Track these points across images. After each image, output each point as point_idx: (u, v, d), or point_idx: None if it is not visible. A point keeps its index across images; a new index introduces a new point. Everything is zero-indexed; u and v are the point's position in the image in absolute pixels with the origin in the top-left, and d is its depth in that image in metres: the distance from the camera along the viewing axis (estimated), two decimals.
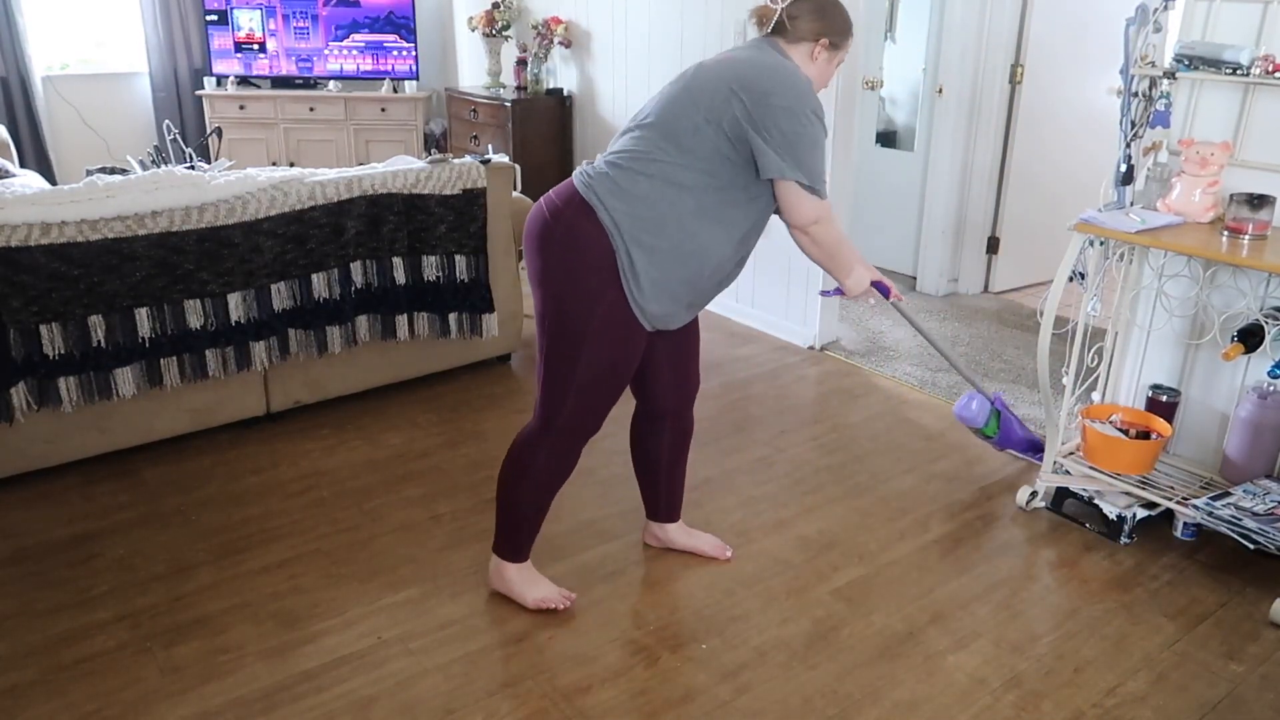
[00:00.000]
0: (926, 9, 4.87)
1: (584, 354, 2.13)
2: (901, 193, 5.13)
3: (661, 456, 2.55)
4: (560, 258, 2.10)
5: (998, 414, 2.95)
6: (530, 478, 2.28)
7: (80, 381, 2.83)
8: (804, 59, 2.17)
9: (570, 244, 2.08)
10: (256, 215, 3.02)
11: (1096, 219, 2.57)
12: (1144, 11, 2.64)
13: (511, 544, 2.37)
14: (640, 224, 2.06)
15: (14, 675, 2.13)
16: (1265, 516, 2.43)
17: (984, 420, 2.91)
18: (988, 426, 2.93)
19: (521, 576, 2.39)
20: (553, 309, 2.14)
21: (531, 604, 2.37)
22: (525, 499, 2.31)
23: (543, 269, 2.13)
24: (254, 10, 5.86)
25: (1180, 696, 2.13)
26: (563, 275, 2.11)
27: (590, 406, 2.22)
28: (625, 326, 2.13)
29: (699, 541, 2.65)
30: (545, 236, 2.11)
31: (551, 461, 2.27)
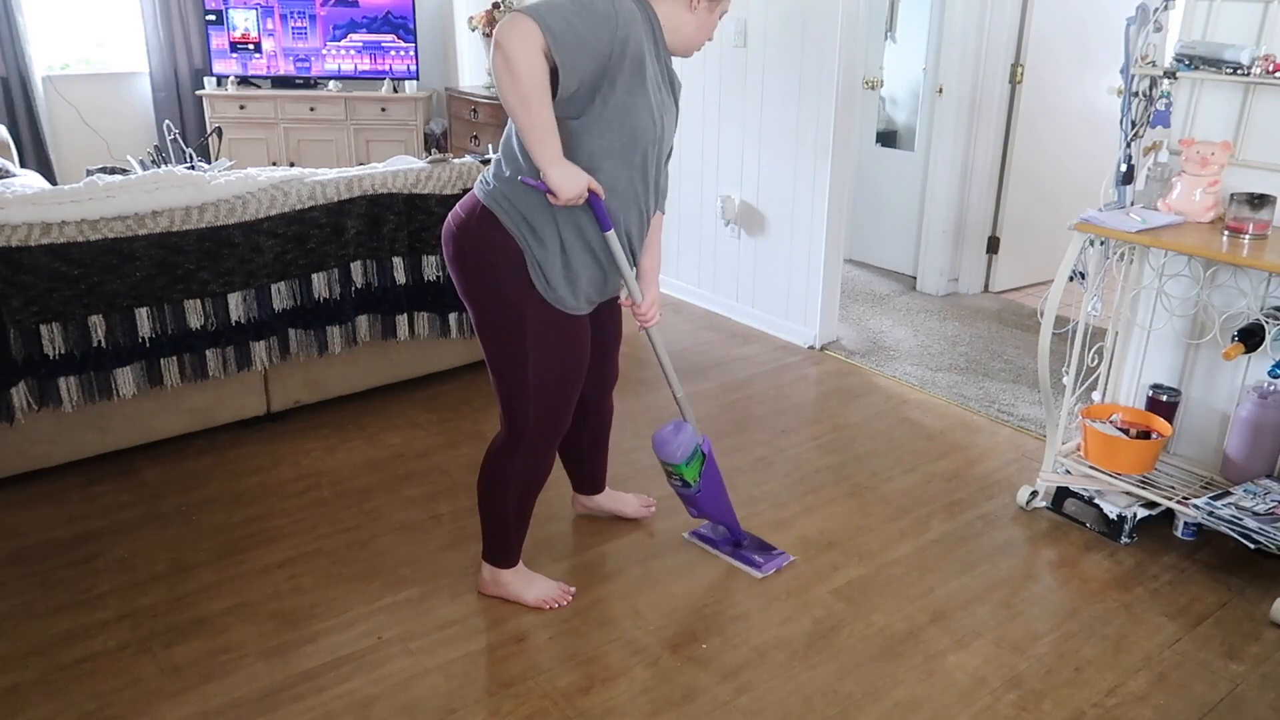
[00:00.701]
0: (927, 9, 4.87)
1: (530, 361, 2.14)
2: (902, 192, 5.13)
3: (584, 442, 2.62)
4: (477, 270, 2.10)
5: (703, 459, 2.47)
6: (510, 487, 2.28)
7: (81, 381, 2.83)
8: (679, 9, 2.07)
9: (483, 255, 2.08)
10: (257, 215, 3.02)
11: (1097, 218, 2.56)
12: (1144, 11, 2.64)
13: (502, 551, 2.38)
14: (531, 215, 2.04)
15: (14, 675, 2.13)
16: (1266, 516, 2.43)
17: (683, 457, 2.43)
18: (688, 469, 2.44)
19: (518, 579, 2.40)
20: (485, 320, 2.15)
21: (532, 603, 2.38)
22: (509, 507, 2.31)
23: (465, 283, 2.13)
24: (250, 10, 5.86)
25: (1181, 696, 2.13)
26: (485, 286, 2.11)
27: (552, 409, 2.22)
28: (557, 321, 2.13)
29: (623, 503, 2.77)
30: (459, 253, 2.11)
31: (527, 468, 2.27)
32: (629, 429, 3.34)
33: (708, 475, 2.49)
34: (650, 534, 2.71)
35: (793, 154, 4.10)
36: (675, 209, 4.76)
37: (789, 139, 4.10)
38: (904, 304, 4.78)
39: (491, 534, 2.36)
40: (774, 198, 4.24)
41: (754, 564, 2.57)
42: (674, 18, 2.08)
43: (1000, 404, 3.61)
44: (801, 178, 4.09)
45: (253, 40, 5.91)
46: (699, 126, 4.52)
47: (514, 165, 2.05)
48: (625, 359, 3.99)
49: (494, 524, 2.34)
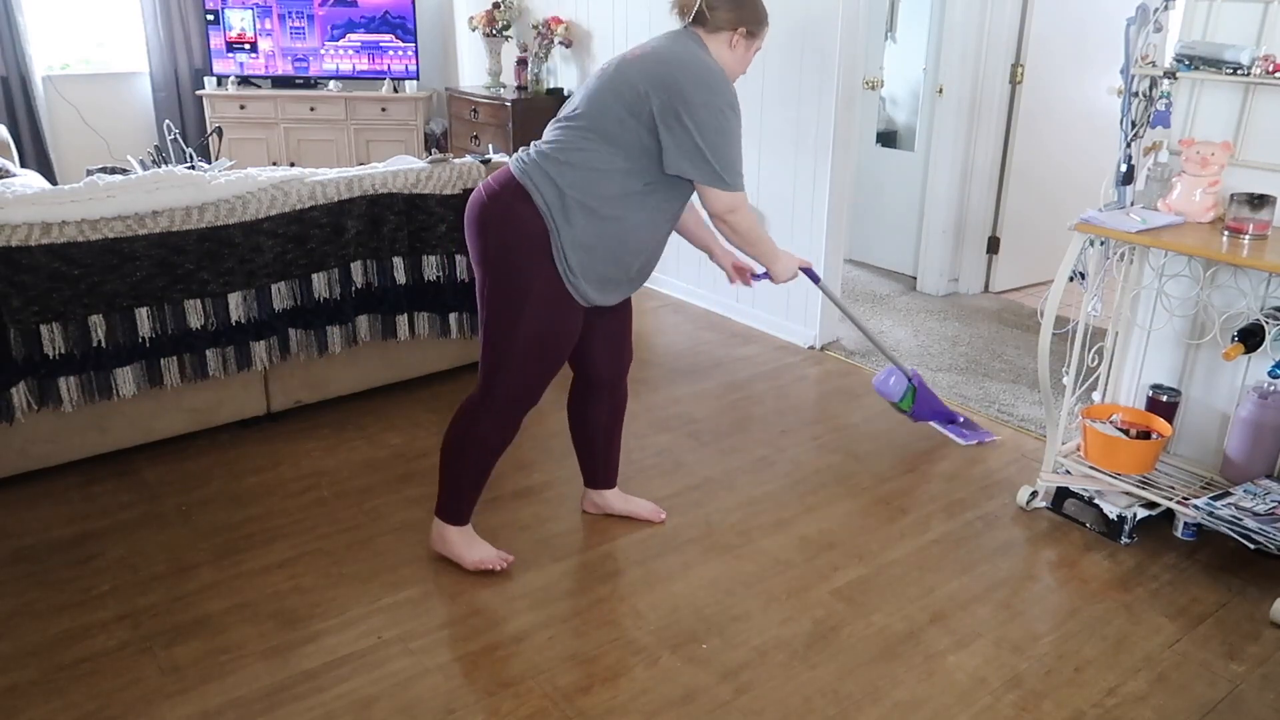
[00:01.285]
0: (927, 9, 4.87)
1: (521, 327, 2.27)
2: (902, 193, 5.13)
3: (599, 425, 2.68)
4: (498, 237, 2.24)
5: (914, 390, 3.20)
6: (472, 445, 2.41)
7: (81, 381, 2.83)
8: (722, 47, 2.28)
9: (507, 224, 2.22)
10: (257, 215, 3.02)
11: (1097, 219, 2.56)
12: (1144, 11, 2.64)
13: (454, 508, 2.50)
14: (570, 208, 2.19)
15: (14, 675, 2.13)
16: (1265, 516, 2.43)
17: (900, 395, 3.19)
18: (903, 401, 3.20)
19: (462, 539, 2.53)
20: (491, 285, 2.29)
21: (470, 565, 2.51)
22: (467, 466, 2.44)
23: (482, 248, 2.28)
24: (245, 10, 5.85)
25: (1181, 696, 2.13)
26: (501, 253, 2.25)
27: (528, 378, 2.35)
28: (560, 302, 2.27)
29: (635, 506, 2.80)
30: (484, 218, 2.26)
31: (492, 430, 2.40)
32: (630, 429, 3.34)
33: (920, 399, 3.24)
34: (651, 534, 2.71)
35: (793, 154, 4.11)
36: None
37: (789, 139, 4.10)
38: (904, 304, 4.78)
39: (447, 490, 2.49)
40: (774, 198, 4.24)
41: (962, 435, 3.30)
42: (721, 56, 2.28)
43: (1000, 404, 3.61)
44: (802, 178, 4.09)
45: (248, 40, 5.91)
46: None
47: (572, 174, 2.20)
48: None
49: (451, 481, 2.47)
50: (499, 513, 2.80)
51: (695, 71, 2.17)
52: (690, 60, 2.19)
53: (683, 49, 2.22)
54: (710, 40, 2.27)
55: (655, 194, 2.26)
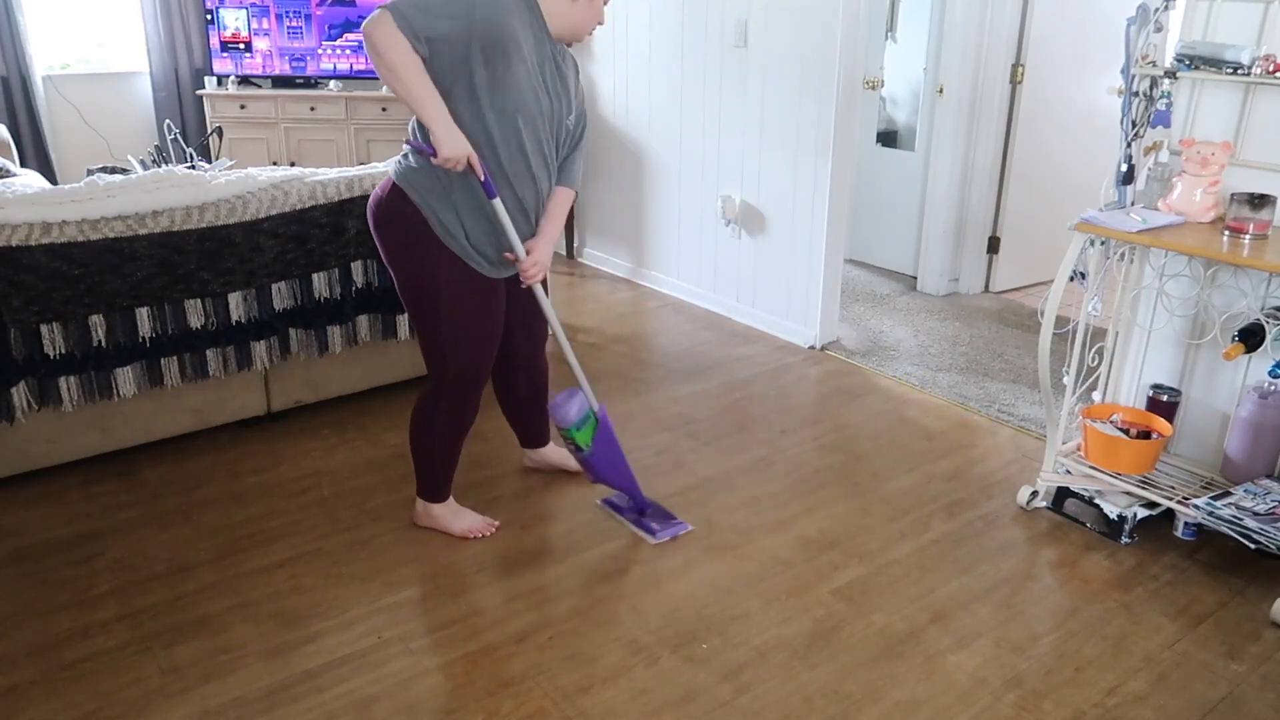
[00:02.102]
0: (927, 9, 4.87)
1: (444, 315, 2.42)
2: (902, 193, 5.13)
3: (521, 396, 2.87)
4: (395, 239, 2.40)
5: (595, 423, 2.64)
6: (435, 430, 2.57)
7: (81, 381, 2.83)
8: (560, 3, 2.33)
9: (397, 225, 2.38)
10: (257, 215, 3.02)
11: (1097, 219, 2.56)
12: (1145, 11, 2.64)
13: (432, 488, 2.67)
14: (431, 187, 2.33)
15: (14, 675, 2.13)
16: (1266, 516, 2.43)
17: (573, 422, 2.59)
18: (580, 433, 2.60)
19: (447, 511, 2.69)
20: (404, 284, 2.45)
21: (458, 533, 2.67)
22: (436, 450, 2.60)
23: (386, 252, 2.45)
24: (240, 10, 5.85)
25: (1181, 696, 2.13)
26: (401, 253, 2.41)
27: (468, 360, 2.49)
28: (469, 282, 2.41)
29: (569, 459, 2.96)
30: (378, 225, 2.43)
31: (450, 415, 2.56)
32: (630, 429, 3.35)
33: (601, 441, 2.65)
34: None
35: (793, 154, 4.11)
36: (676, 209, 4.76)
37: (790, 139, 4.10)
38: (904, 304, 4.78)
39: (423, 474, 2.65)
40: (774, 198, 4.24)
41: (650, 531, 2.71)
42: (554, 5, 2.33)
43: (1001, 404, 3.61)
44: (802, 178, 4.09)
45: (243, 40, 5.90)
46: (699, 126, 4.52)
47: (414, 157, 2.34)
48: (625, 359, 4.00)
49: (424, 465, 2.63)
50: (499, 513, 2.80)
51: None
52: None
53: None
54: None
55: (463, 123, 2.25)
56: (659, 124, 4.76)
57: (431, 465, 2.62)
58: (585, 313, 4.60)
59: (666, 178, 4.80)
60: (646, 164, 4.90)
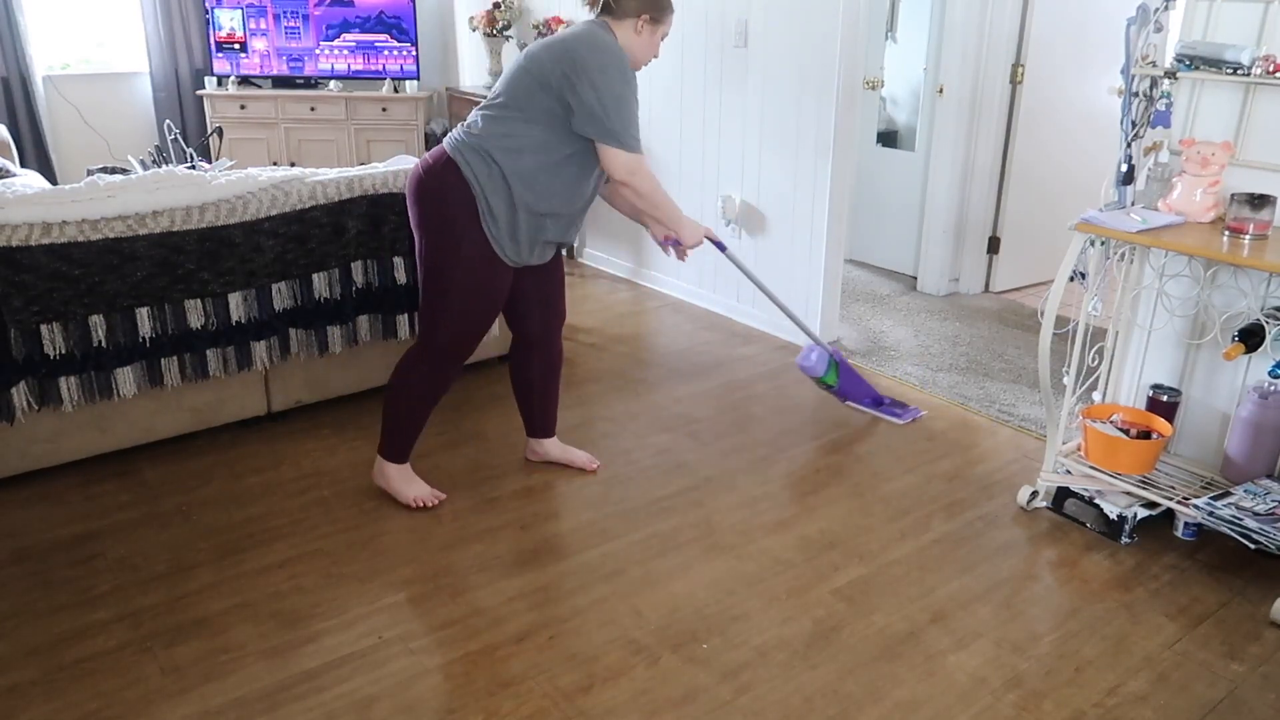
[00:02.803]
0: (927, 9, 4.87)
1: (454, 285, 2.58)
2: (902, 193, 5.13)
3: (534, 380, 2.96)
4: (433, 204, 2.55)
5: (836, 365, 3.31)
6: (410, 392, 2.73)
7: (81, 381, 2.83)
8: (628, 34, 2.57)
9: (440, 194, 2.53)
10: (257, 215, 3.02)
11: (1097, 219, 2.56)
12: (1145, 11, 2.64)
13: (394, 448, 2.81)
14: (492, 178, 2.49)
15: (14, 675, 2.13)
16: (1266, 516, 2.43)
17: (823, 370, 3.30)
18: (827, 376, 3.31)
19: (401, 475, 2.83)
20: (427, 248, 2.60)
21: (407, 500, 2.81)
22: (405, 410, 2.76)
23: (419, 215, 2.59)
24: (235, 10, 5.85)
25: (1181, 696, 2.13)
26: (435, 218, 2.56)
27: (462, 332, 2.66)
28: (488, 263, 2.57)
29: (572, 455, 3.06)
30: (421, 188, 2.57)
31: (428, 379, 2.72)
32: (630, 429, 3.35)
33: (844, 375, 3.38)
34: (651, 534, 2.71)
35: (793, 154, 4.11)
36: None
37: (790, 139, 4.10)
38: (905, 304, 4.78)
39: (388, 431, 2.79)
40: (774, 198, 4.24)
41: (895, 415, 3.44)
42: (628, 42, 2.57)
43: (1001, 404, 3.61)
44: (802, 178, 4.09)
45: (238, 40, 5.90)
46: (699, 126, 4.52)
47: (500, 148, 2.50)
48: (626, 359, 4.00)
49: (392, 423, 2.78)
50: (499, 513, 2.81)
51: (592, 45, 2.47)
52: (589, 37, 2.49)
53: (585, 32, 2.52)
54: (618, 28, 2.56)
55: (570, 164, 2.55)
56: (659, 124, 4.76)
57: (399, 425, 2.78)
58: (586, 313, 4.60)
59: (667, 178, 4.79)
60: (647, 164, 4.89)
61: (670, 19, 2.65)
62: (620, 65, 2.49)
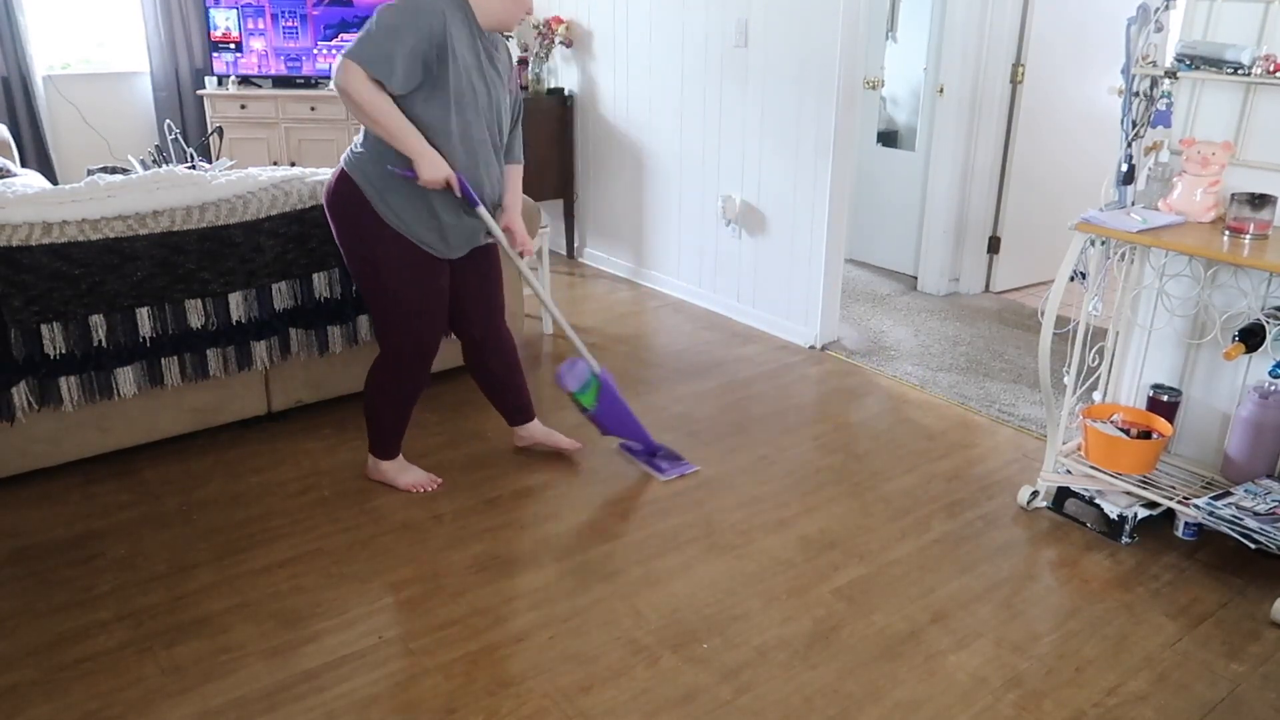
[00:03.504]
0: (928, 8, 4.87)
1: (389, 291, 2.65)
2: (902, 192, 5.13)
3: (495, 374, 3.00)
4: (341, 219, 2.64)
5: (598, 385, 2.95)
6: (386, 395, 2.81)
7: (81, 381, 2.83)
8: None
9: (342, 208, 2.62)
10: (258, 215, 3.02)
11: (1098, 219, 2.56)
12: (1145, 11, 2.64)
13: (383, 447, 2.90)
14: (381, 176, 2.55)
15: (14, 675, 2.13)
16: (1266, 516, 2.43)
17: (578, 386, 2.93)
18: (584, 395, 2.94)
19: (395, 468, 2.93)
20: (353, 260, 2.68)
21: (404, 487, 2.90)
22: (386, 413, 2.84)
23: (336, 232, 2.69)
24: (230, 10, 5.85)
25: (1181, 696, 2.13)
26: (347, 232, 2.65)
27: (414, 333, 2.71)
28: (412, 260, 2.62)
29: (556, 439, 3.12)
30: (329, 206, 2.67)
31: (398, 382, 2.79)
32: None
33: (605, 399, 2.97)
34: (651, 534, 2.71)
35: (794, 154, 4.11)
36: (676, 209, 4.76)
37: (790, 139, 4.10)
38: (905, 304, 4.78)
39: (374, 433, 2.88)
40: (775, 198, 4.24)
41: (660, 470, 3.03)
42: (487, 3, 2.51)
43: (1001, 404, 3.61)
44: (802, 177, 4.09)
45: (233, 40, 5.90)
46: (700, 126, 4.52)
47: (376, 149, 2.55)
48: (626, 359, 4.00)
49: (376, 425, 2.87)
50: (499, 513, 2.81)
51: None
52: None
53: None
54: None
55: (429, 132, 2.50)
56: (659, 124, 4.76)
57: (382, 426, 2.86)
58: (586, 313, 4.60)
59: (667, 178, 4.80)
60: (647, 164, 4.90)
61: None
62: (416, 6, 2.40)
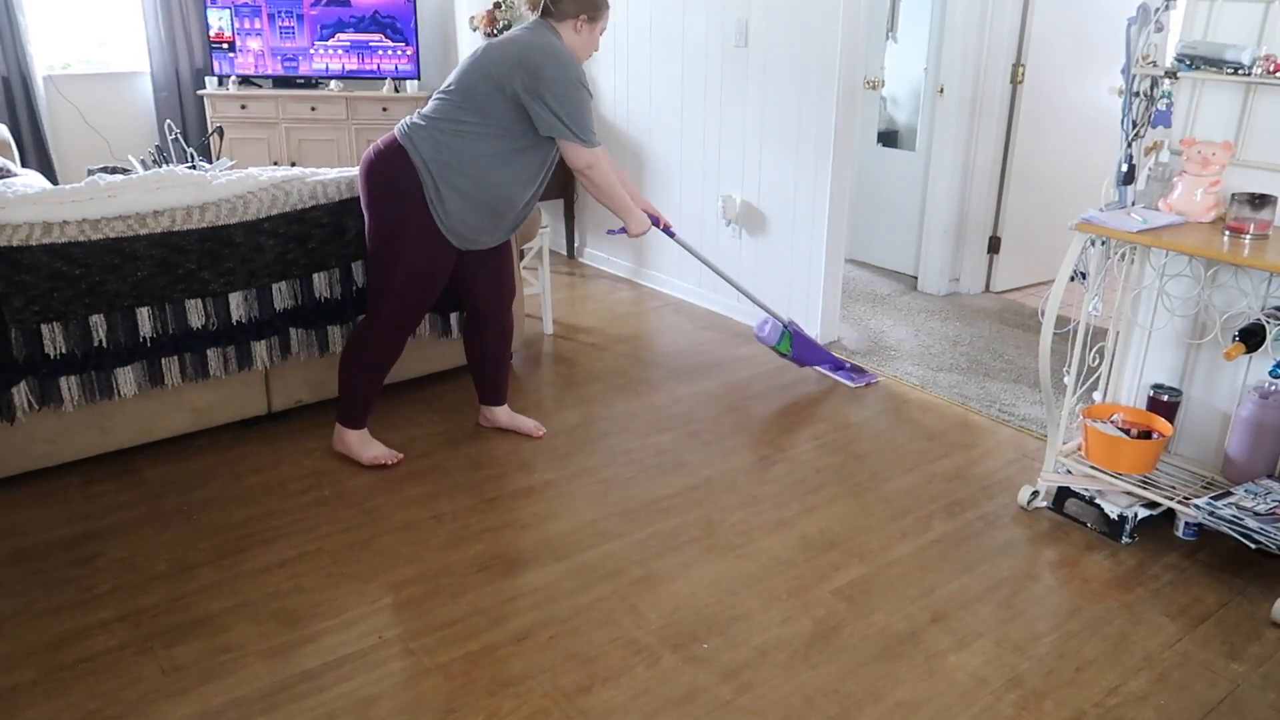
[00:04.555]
0: (928, 8, 4.87)
1: (400, 262, 2.79)
2: (903, 192, 5.13)
3: (487, 350, 3.17)
4: (381, 186, 2.75)
5: (790, 335, 3.49)
6: (363, 361, 2.95)
7: (82, 381, 2.83)
8: (569, 33, 2.77)
9: (388, 176, 2.73)
10: (258, 215, 3.02)
11: (1098, 219, 2.56)
12: (1145, 11, 2.64)
13: (351, 415, 3.03)
14: (445, 166, 2.68)
15: (15, 675, 2.13)
16: (1266, 516, 2.43)
17: (777, 340, 3.49)
18: (781, 344, 3.49)
19: (359, 440, 3.05)
20: (375, 226, 2.81)
21: (366, 461, 3.03)
22: (359, 379, 2.97)
23: (368, 195, 2.80)
24: (224, 10, 5.85)
25: (1181, 696, 2.13)
26: (382, 200, 2.76)
27: (406, 306, 2.88)
28: (432, 244, 2.77)
29: (519, 422, 3.27)
30: (371, 170, 2.77)
31: (378, 349, 2.95)
32: (632, 429, 3.35)
33: (798, 343, 3.57)
34: (651, 534, 2.71)
35: (794, 154, 4.11)
36: (676, 209, 4.76)
37: (790, 139, 4.10)
38: (905, 304, 4.78)
39: (346, 401, 3.01)
40: (775, 198, 4.24)
41: (851, 379, 3.71)
42: (569, 40, 2.77)
43: (1001, 404, 3.61)
44: (803, 178, 4.09)
45: (226, 39, 5.90)
46: (700, 126, 4.52)
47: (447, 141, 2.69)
48: (627, 359, 4.00)
49: (348, 392, 3.00)
50: (499, 512, 2.81)
51: (546, 54, 2.67)
52: (544, 45, 2.69)
53: (536, 36, 2.72)
54: (560, 28, 2.76)
55: (521, 155, 2.75)
56: (659, 124, 4.76)
57: (355, 393, 2.99)
58: (586, 312, 4.60)
59: (667, 178, 4.80)
60: (647, 164, 4.90)
61: (607, 15, 2.83)
62: (573, 71, 2.69)
